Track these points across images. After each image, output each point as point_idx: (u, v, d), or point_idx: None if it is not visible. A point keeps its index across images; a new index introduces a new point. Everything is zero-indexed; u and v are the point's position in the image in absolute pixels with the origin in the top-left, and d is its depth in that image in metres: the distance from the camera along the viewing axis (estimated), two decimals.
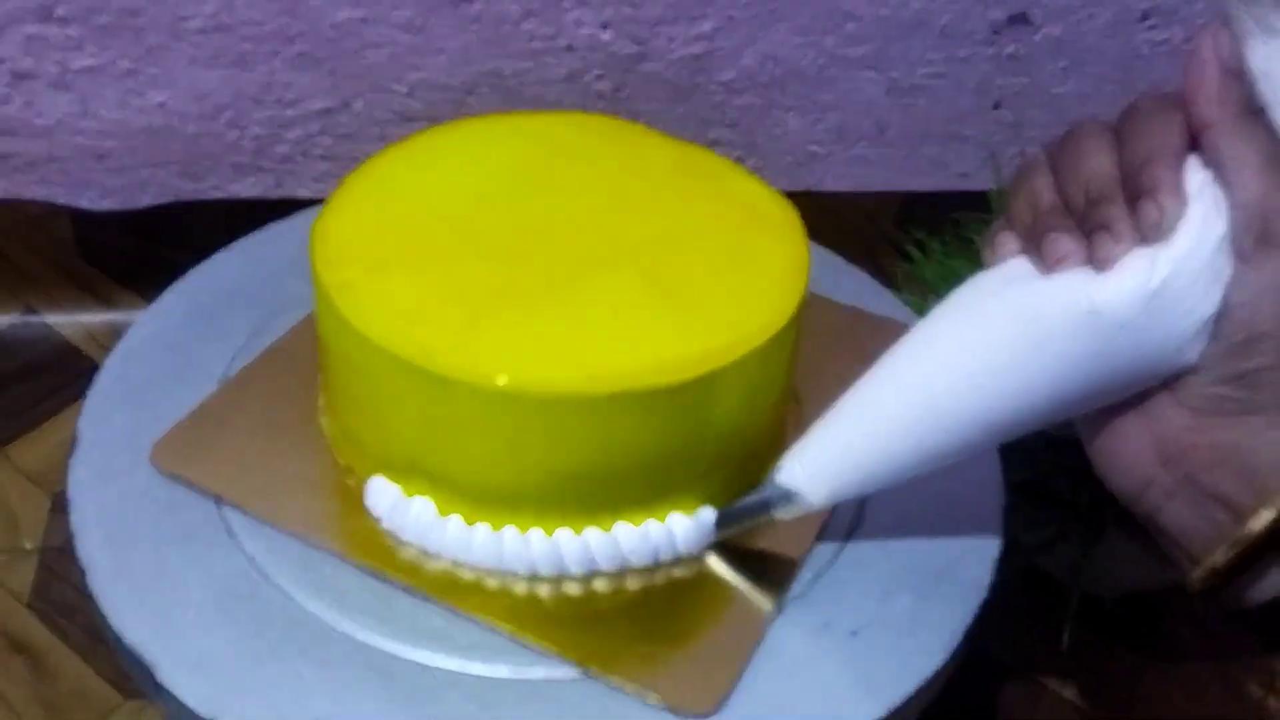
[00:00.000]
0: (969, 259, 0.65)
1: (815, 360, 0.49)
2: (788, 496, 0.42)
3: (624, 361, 0.42)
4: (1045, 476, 0.61)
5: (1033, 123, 0.76)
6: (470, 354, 0.41)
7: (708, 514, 0.45)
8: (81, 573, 0.45)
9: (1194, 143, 0.36)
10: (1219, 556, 0.34)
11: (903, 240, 0.70)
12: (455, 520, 0.45)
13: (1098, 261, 0.35)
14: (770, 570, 0.46)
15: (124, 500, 0.47)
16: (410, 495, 0.45)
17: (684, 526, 0.45)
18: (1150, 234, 0.34)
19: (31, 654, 0.64)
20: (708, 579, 0.45)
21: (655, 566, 0.45)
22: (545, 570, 0.44)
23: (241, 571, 0.45)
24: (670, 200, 0.49)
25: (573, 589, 0.44)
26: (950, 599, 0.46)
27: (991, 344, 0.37)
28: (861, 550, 0.47)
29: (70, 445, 0.49)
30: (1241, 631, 0.36)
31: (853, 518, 0.49)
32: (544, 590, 0.44)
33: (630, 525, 0.44)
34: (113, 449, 0.49)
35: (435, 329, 0.42)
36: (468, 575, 0.45)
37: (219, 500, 0.47)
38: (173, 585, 0.44)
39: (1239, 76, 0.35)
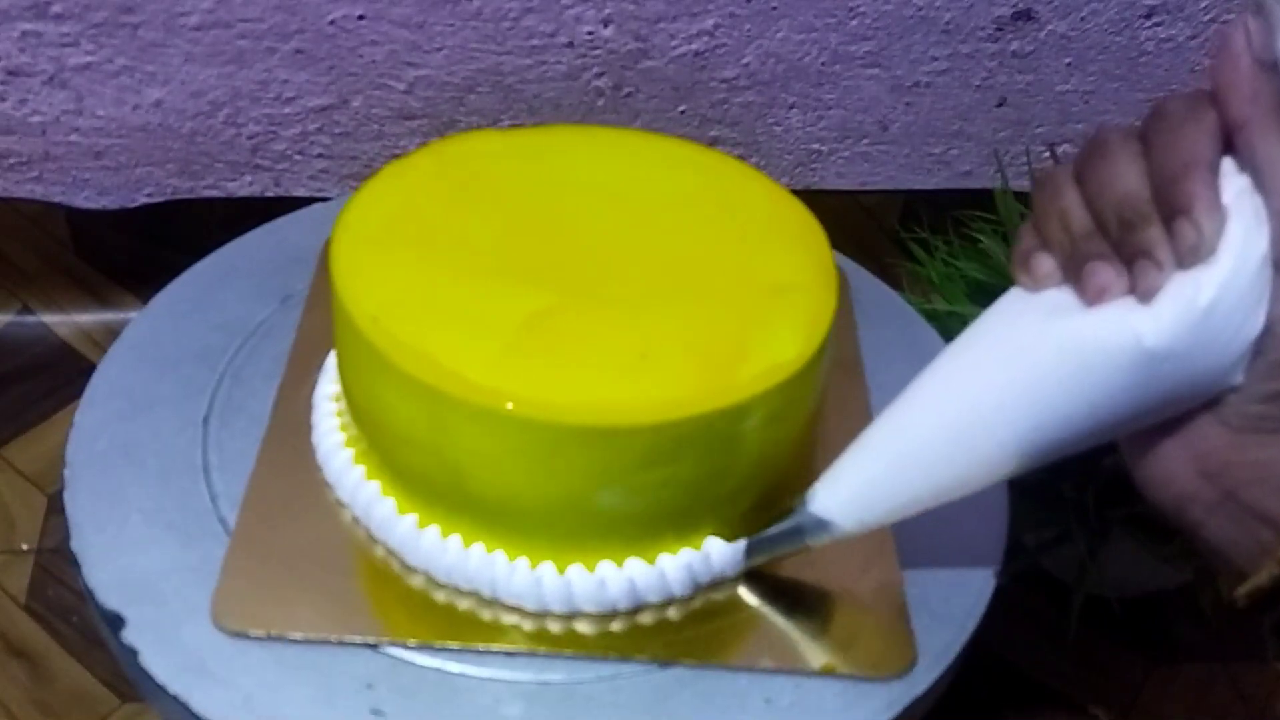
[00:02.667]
0: (974, 259, 0.65)
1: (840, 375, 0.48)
2: (821, 524, 0.41)
3: (651, 392, 0.41)
4: (1050, 476, 0.61)
5: (1037, 120, 0.76)
6: (498, 382, 0.40)
7: (737, 543, 0.44)
8: (78, 574, 0.45)
9: (1228, 144, 0.34)
10: (1264, 576, 0.33)
11: (906, 239, 0.69)
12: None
13: (1141, 293, 0.33)
14: (804, 601, 0.45)
15: (120, 499, 0.47)
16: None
17: (709, 556, 0.44)
18: (1188, 257, 0.33)
19: (28, 656, 0.64)
20: (734, 608, 0.45)
21: (672, 600, 0.45)
22: (555, 607, 0.44)
23: None
24: (697, 219, 0.48)
25: (584, 627, 0.44)
26: (953, 600, 0.46)
27: (1032, 375, 0.36)
28: None
29: (65, 447, 0.49)
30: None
31: None
32: (554, 626, 0.44)
33: (644, 562, 0.44)
34: (107, 450, 0.49)
35: (463, 356, 0.41)
36: (486, 614, 0.44)
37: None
38: (172, 587, 0.44)
39: (1273, 70, 0.33)
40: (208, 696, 0.41)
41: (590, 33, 0.69)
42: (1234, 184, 0.33)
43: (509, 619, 0.44)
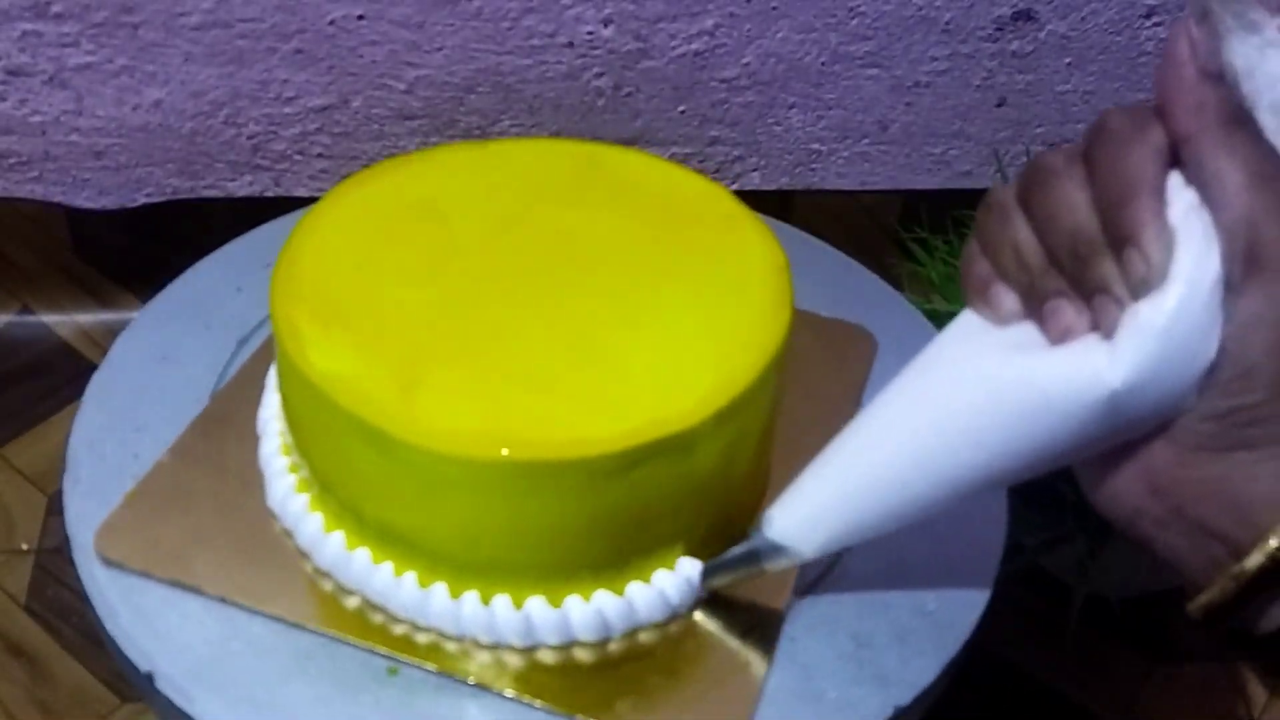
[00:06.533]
0: None
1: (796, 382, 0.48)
2: (777, 549, 0.41)
3: (597, 422, 0.40)
4: (1049, 477, 0.61)
5: (1037, 120, 0.76)
6: (443, 420, 0.40)
7: (692, 568, 0.44)
8: (77, 576, 0.45)
9: (1175, 157, 0.33)
10: (1216, 592, 0.33)
11: (906, 239, 0.70)
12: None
13: (1104, 331, 0.33)
14: (760, 623, 0.45)
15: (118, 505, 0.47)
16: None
17: (667, 584, 0.44)
18: (1139, 289, 0.32)
19: (28, 656, 0.64)
20: (695, 635, 0.44)
21: (638, 628, 0.44)
22: (516, 640, 0.43)
23: None
24: (643, 235, 0.47)
25: (548, 657, 0.43)
26: (953, 599, 0.46)
27: (995, 408, 0.35)
28: (861, 551, 0.46)
29: (65, 447, 0.49)
30: (1245, 657, 0.35)
31: None
32: (516, 660, 0.43)
33: (610, 592, 0.43)
34: (108, 451, 0.48)
35: (400, 392, 0.41)
36: (451, 646, 0.43)
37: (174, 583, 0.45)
38: (171, 593, 0.44)
39: (1218, 79, 0.32)
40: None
41: (590, 33, 0.69)
42: (1182, 200, 0.32)
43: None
